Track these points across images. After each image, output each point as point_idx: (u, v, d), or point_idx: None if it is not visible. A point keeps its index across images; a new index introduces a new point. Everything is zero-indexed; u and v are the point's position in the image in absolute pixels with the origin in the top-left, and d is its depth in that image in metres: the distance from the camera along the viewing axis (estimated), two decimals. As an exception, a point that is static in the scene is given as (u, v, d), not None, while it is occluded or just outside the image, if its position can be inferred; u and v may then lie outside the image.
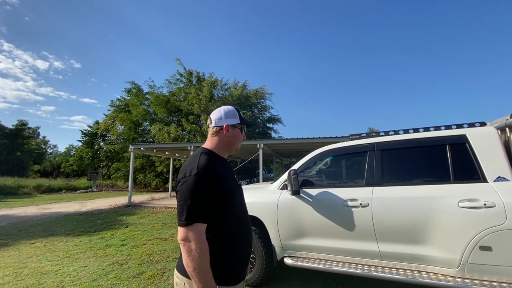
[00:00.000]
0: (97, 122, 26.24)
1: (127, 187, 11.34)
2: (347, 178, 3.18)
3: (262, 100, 21.68)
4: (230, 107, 1.34)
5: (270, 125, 22.42)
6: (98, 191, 20.29)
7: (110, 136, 23.48)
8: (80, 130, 28.65)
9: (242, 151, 12.03)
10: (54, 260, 4.14)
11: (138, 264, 3.90)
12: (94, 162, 26.30)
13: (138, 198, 12.94)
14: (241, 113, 1.36)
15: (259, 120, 21.67)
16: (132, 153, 11.22)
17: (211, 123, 1.31)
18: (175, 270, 1.20)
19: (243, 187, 1.47)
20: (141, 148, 11.48)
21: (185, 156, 13.91)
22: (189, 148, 10.27)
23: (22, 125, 27.28)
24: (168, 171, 15.36)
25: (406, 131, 2.83)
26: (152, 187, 19.82)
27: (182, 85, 20.57)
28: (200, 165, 1.12)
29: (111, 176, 22.23)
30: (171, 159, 14.89)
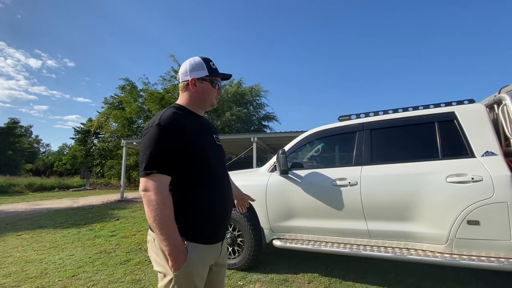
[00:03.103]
0: (90, 120, 25.94)
1: (123, 185, 11.19)
2: (336, 158, 3.15)
3: (258, 98, 21.65)
4: (197, 58, 1.22)
5: (266, 123, 22.40)
6: (91, 189, 20.02)
7: (103, 134, 23.22)
8: (73, 128, 28.34)
9: (236, 146, 11.94)
10: (40, 250, 4.04)
11: (126, 252, 3.82)
12: (88, 160, 25.99)
13: (131, 194, 12.80)
14: (212, 63, 1.22)
15: (254, 117, 21.63)
16: (124, 148, 11.08)
17: (179, 78, 1.24)
18: (148, 230, 1.16)
19: (233, 172, 1.39)
20: (134, 143, 11.33)
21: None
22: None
23: (13, 123, 26.86)
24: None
25: (395, 111, 2.80)
26: (146, 185, 19.61)
27: (176, 82, 20.39)
28: (163, 117, 1.08)
29: (105, 174, 21.98)
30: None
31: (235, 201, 1.62)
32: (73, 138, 28.52)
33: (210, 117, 18.30)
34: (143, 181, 1.01)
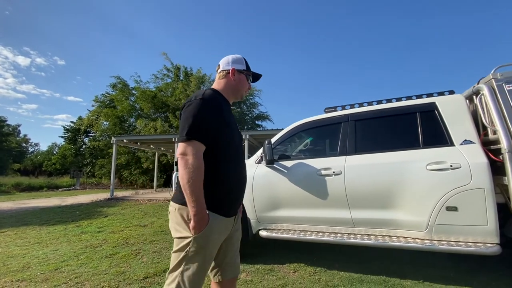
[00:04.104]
0: (80, 118, 25.45)
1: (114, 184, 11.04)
2: (322, 149, 3.18)
3: (251, 97, 21.65)
4: (238, 55, 1.40)
5: (259, 122, 22.45)
6: (81, 189, 19.65)
7: (94, 133, 22.86)
8: (63, 126, 27.81)
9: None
10: (24, 246, 3.95)
11: (113, 247, 3.77)
12: (78, 159, 25.54)
13: (122, 193, 12.64)
14: (248, 63, 1.42)
15: (248, 117, 21.63)
16: (114, 145, 10.94)
17: (219, 68, 1.39)
18: (170, 202, 1.26)
19: None
20: (124, 140, 11.20)
21: (171, 150, 13.68)
22: (173, 140, 10.10)
23: (0, 122, 26.19)
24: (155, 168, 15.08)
25: (379, 102, 2.85)
26: (138, 185, 19.38)
27: (169, 80, 20.27)
28: (205, 93, 1.22)
29: (95, 174, 21.64)
30: (156, 154, 14.63)
31: None
32: (62, 137, 27.97)
33: (202, 116, 18.24)
34: (182, 146, 1.12)
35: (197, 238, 1.11)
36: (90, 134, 25.18)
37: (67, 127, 27.27)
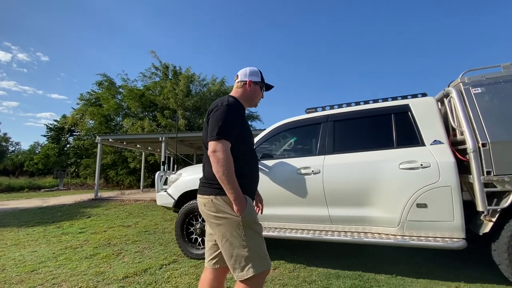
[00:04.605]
0: (64, 116, 24.70)
1: (99, 184, 10.79)
2: (302, 149, 3.26)
3: (240, 97, 21.65)
4: (255, 68, 1.61)
5: (249, 122, 22.46)
6: (65, 189, 19.06)
7: (79, 132, 22.26)
8: (45, 125, 26.89)
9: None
10: None
11: (94, 248, 3.71)
12: (61, 159, 24.78)
13: (107, 193, 12.38)
14: (263, 75, 1.63)
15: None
16: (99, 145, 10.70)
17: (237, 78, 1.60)
18: (199, 196, 1.46)
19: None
20: (110, 140, 10.97)
21: (158, 150, 13.49)
22: (160, 139, 9.98)
23: (-22, 120, 25.04)
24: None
25: (357, 103, 2.95)
26: (125, 186, 18.99)
27: (157, 79, 19.96)
28: (230, 101, 1.43)
29: (80, 174, 21.07)
30: (143, 154, 14.41)
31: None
32: (45, 136, 27.06)
33: (192, 115, 18.10)
34: (213, 144, 1.32)
35: (244, 217, 1.31)
36: (74, 133, 24.50)
37: (50, 126, 26.42)
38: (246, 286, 1.28)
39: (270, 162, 2.94)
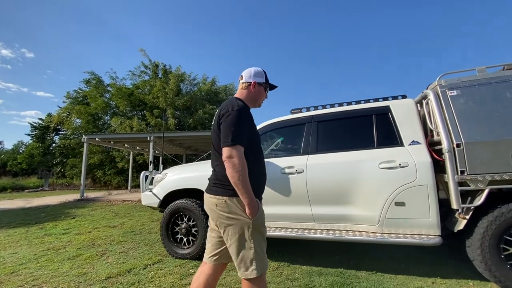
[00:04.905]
0: (49, 115, 24.02)
1: (85, 185, 10.55)
2: (288, 148, 3.30)
3: (230, 97, 21.60)
4: (259, 68, 1.63)
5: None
6: (50, 190, 18.54)
7: (65, 130, 21.69)
8: (29, 123, 26.07)
9: (204, 142, 11.89)
10: (-22, 250, 3.71)
11: (77, 249, 3.65)
12: (47, 159, 24.09)
13: (94, 194, 12.14)
14: (267, 76, 1.65)
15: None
16: (85, 144, 10.47)
17: (242, 79, 1.61)
18: (210, 196, 1.47)
19: (190, 164, 1.67)
20: (97, 139, 10.75)
21: (147, 150, 13.31)
22: (149, 139, 9.85)
23: (-42, 118, 24.03)
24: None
25: (340, 104, 3.01)
26: (113, 186, 18.63)
27: (147, 77, 19.67)
28: (240, 105, 1.45)
29: (66, 174, 20.54)
30: (131, 154, 14.19)
31: None
32: (29, 135, 26.25)
33: (182, 114, 17.93)
34: (227, 150, 1.35)
35: (255, 220, 1.38)
36: (60, 132, 23.87)
37: (35, 125, 25.64)
38: (252, 285, 1.36)
39: (255, 162, 2.96)
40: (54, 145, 24.52)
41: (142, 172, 3.90)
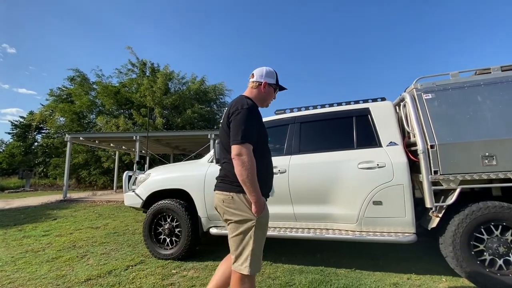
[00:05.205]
0: (31, 113, 23.19)
1: (69, 185, 10.25)
2: (272, 149, 3.34)
3: (221, 96, 21.51)
4: (271, 69, 1.65)
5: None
6: (32, 190, 17.87)
7: (48, 129, 20.98)
8: (10, 121, 25.08)
9: (192, 142, 11.79)
10: (-50, 253, 3.56)
11: (57, 250, 3.57)
12: (28, 158, 23.22)
13: (77, 194, 11.81)
14: (278, 76, 1.67)
15: (218, 116, 21.46)
16: (69, 143, 10.18)
17: (253, 77, 1.62)
18: (217, 192, 1.50)
19: (177, 163, 1.66)
20: (81, 138, 10.47)
21: (133, 149, 13.08)
22: (134, 138, 9.70)
23: None
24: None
25: (323, 106, 3.08)
26: (99, 186, 18.18)
27: (134, 75, 19.31)
28: (249, 103, 1.47)
29: (49, 174, 19.88)
30: (117, 153, 13.91)
31: None
32: (9, 133, 25.23)
33: (170, 114, 17.71)
34: (237, 148, 1.37)
35: (260, 218, 1.40)
36: (43, 131, 23.07)
37: (16, 123, 24.68)
38: (240, 281, 1.38)
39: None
40: (36, 144, 23.68)
41: (125, 172, 3.85)
